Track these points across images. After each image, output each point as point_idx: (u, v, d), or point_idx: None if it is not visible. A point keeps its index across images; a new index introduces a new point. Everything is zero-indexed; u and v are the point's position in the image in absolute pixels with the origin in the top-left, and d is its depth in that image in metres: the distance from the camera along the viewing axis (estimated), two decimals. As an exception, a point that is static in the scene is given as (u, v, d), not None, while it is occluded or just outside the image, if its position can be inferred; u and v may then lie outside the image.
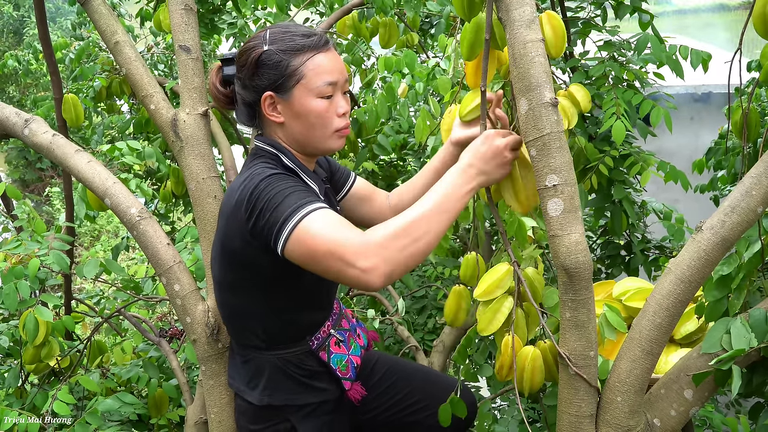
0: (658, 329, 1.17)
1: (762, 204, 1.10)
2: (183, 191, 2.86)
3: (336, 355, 1.52)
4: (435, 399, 1.65)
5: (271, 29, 1.38)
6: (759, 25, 1.31)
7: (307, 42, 1.35)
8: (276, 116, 1.38)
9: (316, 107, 1.36)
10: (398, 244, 1.15)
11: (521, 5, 1.19)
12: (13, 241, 1.97)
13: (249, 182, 1.30)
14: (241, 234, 1.32)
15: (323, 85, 1.35)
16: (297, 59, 1.34)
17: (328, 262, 1.18)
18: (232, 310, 1.48)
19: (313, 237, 1.19)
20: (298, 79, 1.34)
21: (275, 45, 1.35)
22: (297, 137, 1.40)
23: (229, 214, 1.34)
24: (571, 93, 1.65)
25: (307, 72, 1.34)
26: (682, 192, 2.18)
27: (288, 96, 1.35)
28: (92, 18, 1.82)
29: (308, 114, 1.36)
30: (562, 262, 1.16)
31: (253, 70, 1.36)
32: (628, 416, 1.19)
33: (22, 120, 1.84)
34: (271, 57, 1.34)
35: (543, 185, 1.17)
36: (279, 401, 1.46)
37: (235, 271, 1.40)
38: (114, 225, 10.21)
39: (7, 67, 3.72)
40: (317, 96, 1.35)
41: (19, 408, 1.96)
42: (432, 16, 3.24)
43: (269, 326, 1.44)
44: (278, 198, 1.25)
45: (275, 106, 1.38)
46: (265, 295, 1.41)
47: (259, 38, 1.38)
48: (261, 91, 1.36)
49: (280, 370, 1.46)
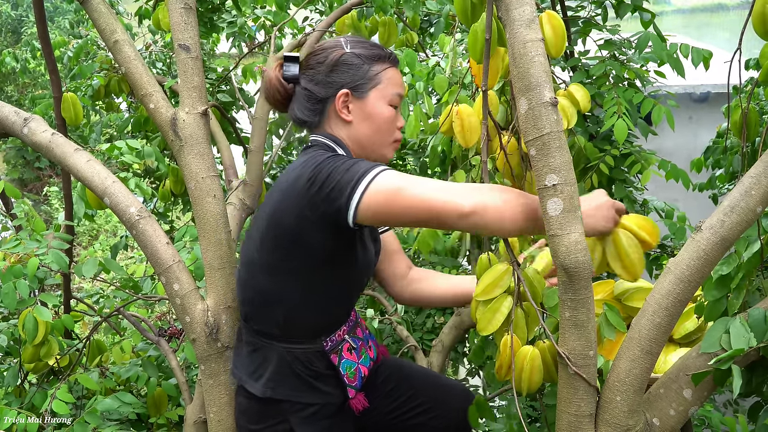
0: (658, 329, 1.17)
1: (761, 204, 1.10)
2: (182, 190, 2.85)
3: (347, 360, 1.52)
4: (438, 401, 1.66)
5: (347, 36, 1.48)
6: (758, 24, 1.31)
7: (384, 53, 1.47)
8: (346, 114, 1.45)
9: (387, 113, 1.46)
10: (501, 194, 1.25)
11: (521, 5, 1.19)
12: (12, 240, 1.97)
13: (311, 160, 1.35)
14: (298, 207, 1.33)
15: (395, 95, 1.46)
16: (376, 66, 1.45)
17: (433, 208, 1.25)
18: (260, 293, 1.47)
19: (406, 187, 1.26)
20: (375, 83, 1.44)
21: (357, 49, 1.45)
22: (360, 138, 1.46)
23: (286, 188, 1.37)
24: (570, 93, 1.65)
25: (384, 79, 1.45)
26: (682, 191, 2.17)
27: (364, 97, 1.44)
28: (91, 16, 1.82)
29: (378, 117, 1.45)
30: (562, 262, 1.16)
31: (332, 68, 1.44)
32: (627, 415, 1.19)
33: (21, 119, 1.84)
34: (351, 59, 1.44)
35: (542, 185, 1.17)
36: (281, 395, 1.46)
37: (280, 250, 1.40)
38: (112, 224, 10.20)
39: (6, 65, 3.72)
40: (388, 103, 1.46)
41: (18, 407, 1.96)
42: (431, 15, 3.24)
43: (293, 315, 1.45)
44: (347, 164, 1.31)
45: (347, 104, 1.44)
46: (304, 280, 1.42)
47: (337, 42, 1.47)
48: (338, 87, 1.44)
49: (287, 365, 1.46)
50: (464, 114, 1.56)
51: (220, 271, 1.67)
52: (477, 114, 1.55)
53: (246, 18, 3.22)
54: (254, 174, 2.27)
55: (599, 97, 1.98)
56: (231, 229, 1.74)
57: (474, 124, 1.56)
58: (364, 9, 2.74)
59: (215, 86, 3.15)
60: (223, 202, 1.71)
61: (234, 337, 1.66)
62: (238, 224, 2.09)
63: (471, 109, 1.57)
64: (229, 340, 1.65)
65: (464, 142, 1.59)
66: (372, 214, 1.28)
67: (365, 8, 2.74)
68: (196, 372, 2.33)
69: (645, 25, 2.03)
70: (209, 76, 3.16)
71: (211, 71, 3.19)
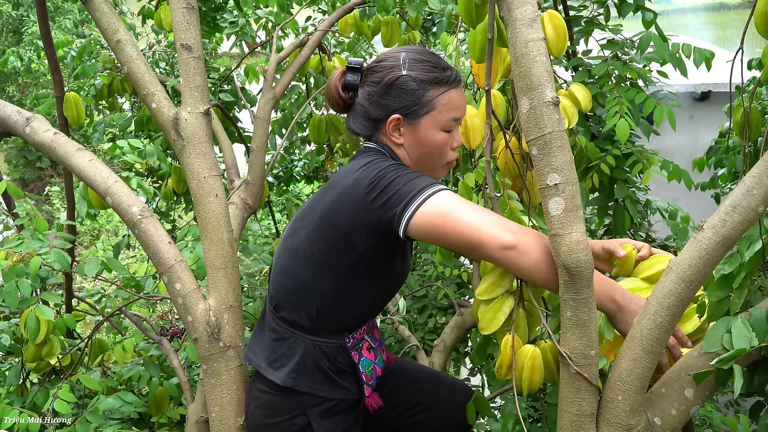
0: (659, 328, 1.17)
1: (763, 203, 1.10)
2: (184, 189, 2.86)
3: (365, 359, 1.54)
4: (439, 400, 1.66)
5: (409, 54, 1.43)
6: (760, 24, 1.31)
7: (444, 76, 1.41)
8: (397, 138, 1.43)
9: (439, 139, 1.42)
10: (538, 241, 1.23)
11: (523, 4, 1.19)
12: (14, 240, 1.97)
13: (373, 165, 1.35)
14: (354, 209, 1.34)
15: (450, 120, 1.42)
16: (433, 91, 1.40)
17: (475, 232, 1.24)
18: (300, 283, 1.47)
19: (456, 211, 1.25)
20: (429, 109, 1.40)
21: (414, 72, 1.40)
22: (411, 159, 1.45)
23: (345, 187, 1.37)
24: (571, 92, 1.65)
25: (440, 105, 1.40)
26: (683, 191, 2.18)
27: (416, 123, 1.41)
28: (94, 16, 1.82)
29: (430, 144, 1.42)
30: (564, 261, 1.16)
31: (386, 90, 1.41)
32: (628, 415, 1.19)
33: (23, 118, 1.84)
34: (408, 83, 1.39)
35: (544, 184, 1.17)
36: (302, 387, 1.47)
37: (328, 246, 1.40)
38: (114, 224, 10.21)
39: (9, 64, 3.72)
40: (441, 129, 1.42)
41: (19, 406, 1.96)
42: (434, 14, 3.24)
43: (326, 310, 1.45)
44: (408, 177, 1.31)
45: (399, 128, 1.43)
46: (343, 279, 1.42)
47: (397, 60, 1.42)
48: (390, 111, 1.41)
49: (312, 358, 1.47)
50: (468, 115, 1.57)
51: (222, 270, 1.68)
52: (481, 115, 1.55)
53: (247, 18, 3.23)
54: (256, 173, 2.27)
55: (601, 97, 1.98)
56: (233, 228, 1.74)
57: (477, 125, 1.56)
58: (367, 8, 2.75)
59: (217, 86, 3.15)
60: (225, 202, 1.72)
61: (236, 336, 1.66)
62: (240, 224, 2.09)
63: (475, 111, 1.57)
64: (231, 340, 1.66)
65: (468, 143, 1.59)
66: (422, 231, 1.28)
67: (368, 8, 2.74)
68: (198, 371, 2.34)
69: (647, 25, 2.03)
70: (211, 76, 3.16)
71: (213, 71, 3.20)
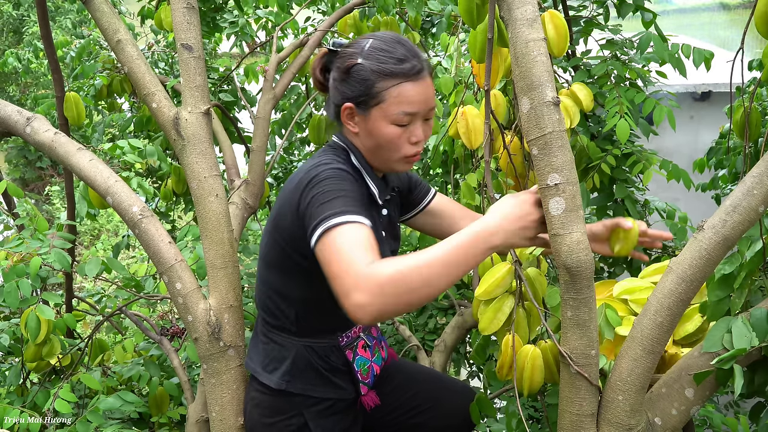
0: (660, 328, 1.17)
1: (763, 203, 1.10)
2: (184, 189, 2.86)
3: (361, 357, 1.53)
4: (439, 401, 1.66)
5: (374, 42, 1.39)
6: (761, 24, 1.31)
7: (398, 69, 1.35)
8: (352, 126, 1.42)
9: (388, 133, 1.37)
10: (396, 291, 1.08)
11: (523, 4, 1.19)
12: (14, 240, 1.97)
13: (315, 169, 1.34)
14: (292, 212, 1.35)
15: (400, 115, 1.36)
16: (382, 83, 1.34)
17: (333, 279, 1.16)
18: (271, 289, 1.48)
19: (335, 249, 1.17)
20: (378, 101, 1.36)
21: (369, 61, 1.36)
22: (368, 149, 1.43)
23: (290, 190, 1.37)
24: (573, 92, 1.65)
25: (389, 98, 1.35)
26: (683, 191, 2.18)
27: (366, 114, 1.38)
28: (94, 16, 1.82)
29: (380, 137, 1.38)
30: (564, 261, 1.16)
31: (344, 76, 1.39)
32: (629, 415, 1.19)
33: (23, 118, 1.84)
34: (361, 72, 1.36)
35: (545, 184, 1.17)
36: (296, 389, 1.47)
37: (282, 249, 1.41)
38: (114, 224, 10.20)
39: (8, 65, 3.72)
40: (392, 122, 1.36)
41: (20, 406, 1.96)
42: (433, 15, 3.24)
43: (304, 313, 1.46)
44: (329, 195, 1.27)
45: (353, 117, 1.41)
46: (304, 280, 1.42)
47: (359, 47, 1.39)
48: (345, 99, 1.39)
49: (305, 359, 1.47)
50: (469, 115, 1.57)
51: (223, 270, 1.68)
52: (482, 116, 1.55)
53: (247, 18, 3.23)
54: (256, 173, 2.27)
55: (601, 97, 1.98)
56: (233, 228, 1.74)
57: (479, 125, 1.56)
58: (366, 9, 2.75)
59: (217, 86, 3.15)
60: (225, 202, 1.72)
61: (236, 335, 1.66)
62: (240, 223, 2.09)
63: (476, 111, 1.57)
64: (232, 340, 1.66)
65: (469, 143, 1.59)
66: (318, 258, 1.23)
67: (367, 8, 2.74)
68: (198, 371, 2.33)
69: (646, 25, 2.03)
70: (211, 76, 3.16)
71: (213, 71, 3.20)
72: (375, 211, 1.48)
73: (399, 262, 1.10)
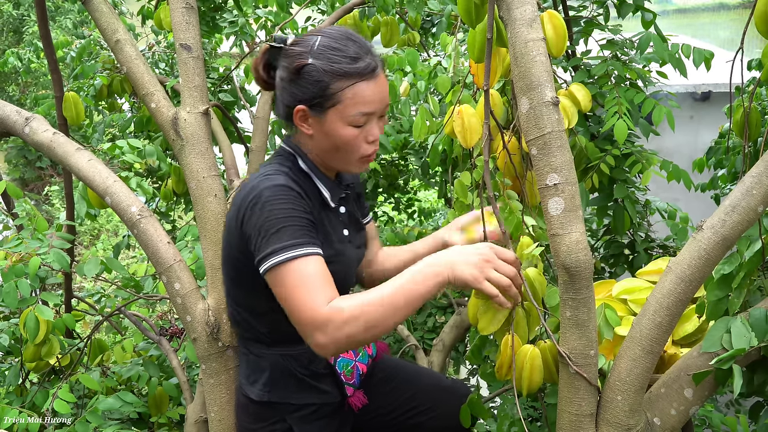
0: (659, 328, 1.17)
1: (763, 203, 1.10)
2: (184, 189, 2.86)
3: (343, 359, 1.52)
4: (437, 402, 1.65)
5: (322, 39, 1.33)
6: (761, 24, 1.31)
7: (353, 68, 1.30)
8: (306, 128, 1.37)
9: (346, 135, 1.34)
10: (355, 330, 1.17)
11: (522, 4, 1.19)
12: (13, 240, 1.97)
13: (257, 188, 1.30)
14: (237, 230, 1.33)
15: (358, 115, 1.32)
16: (337, 84, 1.30)
17: (292, 315, 1.24)
18: (238, 303, 1.48)
19: (289, 289, 1.22)
20: (334, 103, 1.31)
21: (320, 61, 1.30)
22: (323, 152, 1.39)
23: (236, 207, 1.35)
24: (571, 92, 1.65)
25: (345, 99, 1.30)
26: (683, 191, 2.17)
27: (321, 116, 1.33)
28: (93, 16, 1.82)
29: (338, 139, 1.34)
30: (563, 261, 1.16)
31: (293, 77, 1.33)
32: (628, 415, 1.19)
33: (22, 118, 1.84)
34: (312, 73, 1.30)
35: (544, 184, 1.17)
36: (278, 398, 1.46)
37: (237, 265, 1.41)
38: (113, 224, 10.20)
39: (8, 64, 3.72)
40: (349, 124, 1.33)
41: (19, 406, 1.96)
42: (433, 14, 3.24)
43: (275, 326, 1.44)
44: (274, 225, 1.26)
45: (306, 119, 1.36)
46: (270, 294, 1.39)
47: (307, 45, 1.33)
48: (297, 101, 1.34)
49: (282, 368, 1.46)
50: (465, 114, 1.56)
51: (222, 270, 1.67)
52: (479, 114, 1.55)
53: (247, 18, 3.22)
54: (255, 173, 2.27)
55: (601, 97, 1.98)
56: (232, 228, 1.74)
57: (474, 124, 1.56)
58: (366, 9, 2.74)
59: (217, 85, 3.15)
60: (224, 202, 1.72)
61: (235, 336, 1.66)
62: (240, 224, 2.09)
63: (472, 110, 1.57)
64: (230, 340, 1.66)
65: (465, 142, 1.59)
66: (271, 287, 1.28)
67: (367, 8, 2.74)
68: (197, 371, 2.33)
69: (646, 25, 2.03)
70: (211, 76, 3.16)
71: (212, 70, 3.19)
72: (330, 214, 1.45)
73: (357, 301, 1.18)
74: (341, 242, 1.46)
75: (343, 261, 1.45)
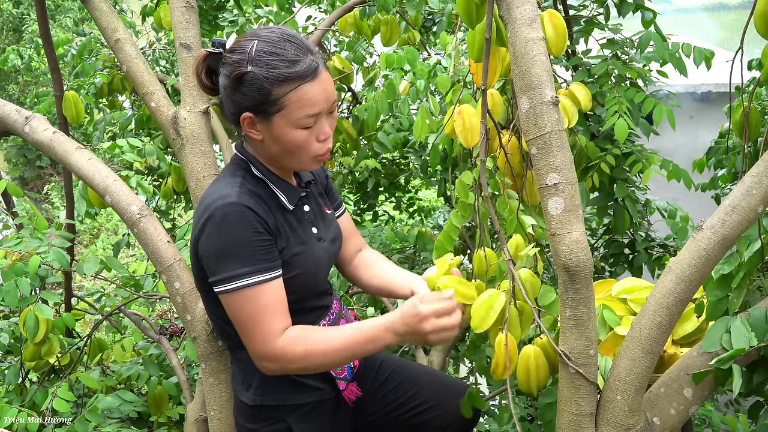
0: (658, 328, 1.17)
1: (762, 203, 1.10)
2: (184, 188, 2.86)
3: None
4: (440, 400, 1.65)
5: (258, 44, 1.29)
6: (760, 24, 1.31)
7: (293, 72, 1.27)
8: (255, 134, 1.34)
9: (295, 138, 1.31)
10: (300, 366, 1.33)
11: (522, 4, 1.19)
12: (13, 239, 1.97)
13: (207, 211, 1.31)
14: (194, 244, 1.36)
15: (304, 118, 1.29)
16: (279, 89, 1.27)
17: (244, 340, 1.34)
18: (214, 313, 1.46)
19: (243, 317, 1.31)
20: (278, 108, 1.28)
21: (259, 68, 1.27)
22: (274, 155, 1.37)
23: (194, 219, 1.36)
24: (571, 92, 1.65)
25: (289, 104, 1.28)
26: (683, 191, 2.17)
27: (268, 122, 1.31)
28: (93, 15, 1.82)
29: (288, 143, 1.32)
30: (563, 261, 1.16)
31: (234, 86, 1.30)
32: (627, 415, 1.19)
33: (22, 117, 1.84)
34: (253, 81, 1.27)
35: (543, 184, 1.17)
36: (272, 401, 1.45)
37: (205, 282, 1.38)
38: (113, 223, 10.21)
39: (9, 62, 3.72)
40: (297, 127, 1.30)
41: (18, 405, 1.96)
42: (434, 13, 3.24)
43: None
44: (226, 250, 1.30)
45: (254, 125, 1.33)
46: None
47: (244, 52, 1.29)
48: (241, 109, 1.31)
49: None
50: (466, 114, 1.56)
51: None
52: (479, 114, 1.55)
53: (247, 17, 3.22)
54: (255, 172, 2.27)
55: (601, 96, 1.98)
56: (232, 227, 1.74)
57: (475, 124, 1.56)
58: (367, 8, 2.74)
59: (217, 85, 3.15)
60: (224, 201, 1.71)
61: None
62: (240, 223, 2.09)
63: (473, 110, 1.57)
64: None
65: (465, 142, 1.59)
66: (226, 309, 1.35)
67: (367, 7, 2.74)
68: (197, 370, 2.33)
69: (646, 25, 2.03)
70: (211, 75, 3.15)
71: (212, 70, 3.19)
72: (291, 216, 1.42)
73: (308, 343, 1.31)
74: (308, 243, 1.43)
75: (310, 261, 1.43)
